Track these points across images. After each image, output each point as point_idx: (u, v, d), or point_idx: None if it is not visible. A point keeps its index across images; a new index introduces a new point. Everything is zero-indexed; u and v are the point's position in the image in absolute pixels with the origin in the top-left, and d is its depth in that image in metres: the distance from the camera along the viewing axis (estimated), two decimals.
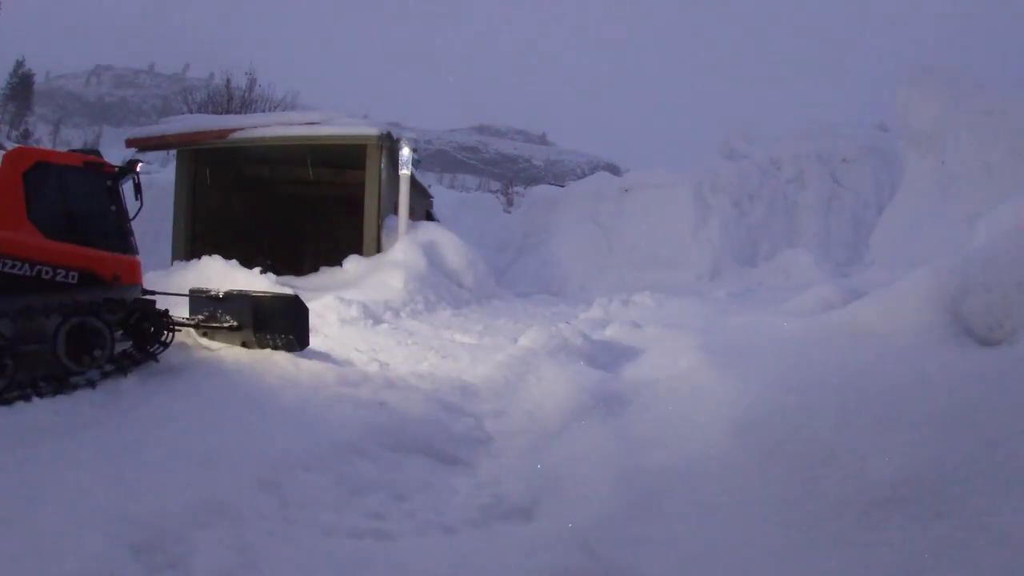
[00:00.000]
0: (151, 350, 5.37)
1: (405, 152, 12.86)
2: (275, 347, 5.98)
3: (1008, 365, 3.77)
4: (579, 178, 38.32)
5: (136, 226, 5.89)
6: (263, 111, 21.09)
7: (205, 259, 10.58)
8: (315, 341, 6.43)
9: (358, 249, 12.02)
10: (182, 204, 12.54)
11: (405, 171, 12.84)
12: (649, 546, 2.80)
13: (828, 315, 6.27)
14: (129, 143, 13.05)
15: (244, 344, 6.08)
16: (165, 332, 5.51)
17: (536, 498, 3.21)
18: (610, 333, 8.17)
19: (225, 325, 6.07)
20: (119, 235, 5.56)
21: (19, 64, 76.00)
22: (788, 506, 3.02)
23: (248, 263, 10.73)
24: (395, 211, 12.81)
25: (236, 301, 6.14)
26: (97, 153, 5.97)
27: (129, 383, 4.90)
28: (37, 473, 3.09)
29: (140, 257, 5.78)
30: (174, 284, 7.55)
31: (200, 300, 6.41)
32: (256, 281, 8.39)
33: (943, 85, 15.49)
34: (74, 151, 6.00)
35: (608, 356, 6.81)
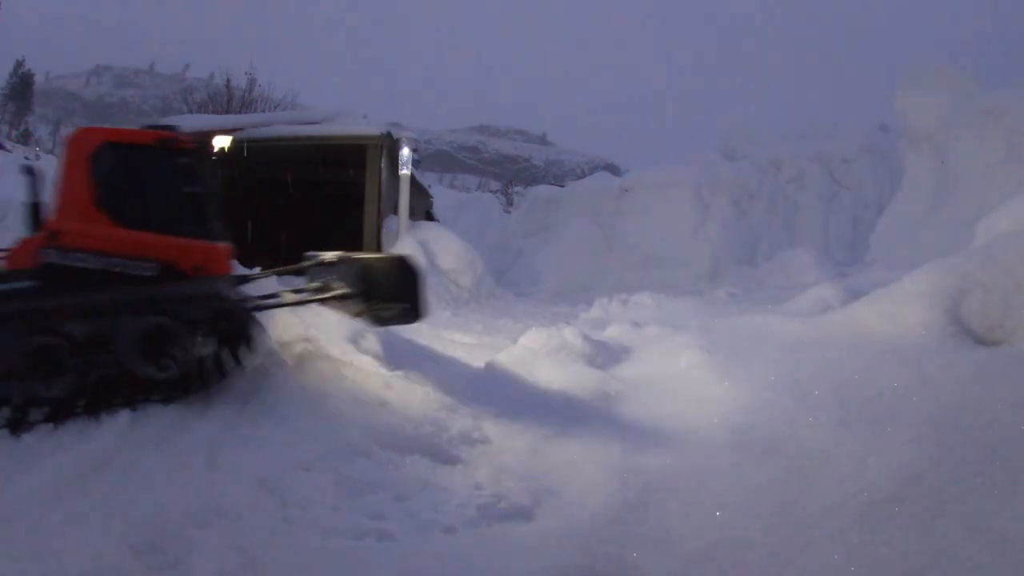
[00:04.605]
0: (238, 357, 4.38)
1: (405, 152, 12.87)
2: (388, 320, 5.08)
3: (1008, 365, 3.77)
4: (579, 178, 38.32)
5: None
6: (263, 111, 21.09)
7: None
8: None
9: (358, 249, 12.03)
10: None
11: (405, 171, 12.85)
12: (649, 546, 2.80)
13: (828, 315, 6.27)
14: None
15: (358, 316, 4.99)
16: (253, 335, 4.45)
17: (536, 498, 3.21)
18: (610, 333, 8.17)
19: (332, 295, 5.02)
20: (198, 219, 4.80)
21: (19, 64, 76.03)
22: (787, 506, 3.02)
23: (248, 263, 10.74)
24: (395, 211, 12.81)
25: (344, 265, 5.21)
26: (172, 128, 5.14)
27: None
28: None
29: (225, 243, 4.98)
30: None
31: (314, 268, 5.58)
32: None
33: (943, 85, 15.47)
34: (148, 127, 5.31)
35: (608, 356, 6.80)
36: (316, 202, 15.60)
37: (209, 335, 4.29)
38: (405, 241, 11.68)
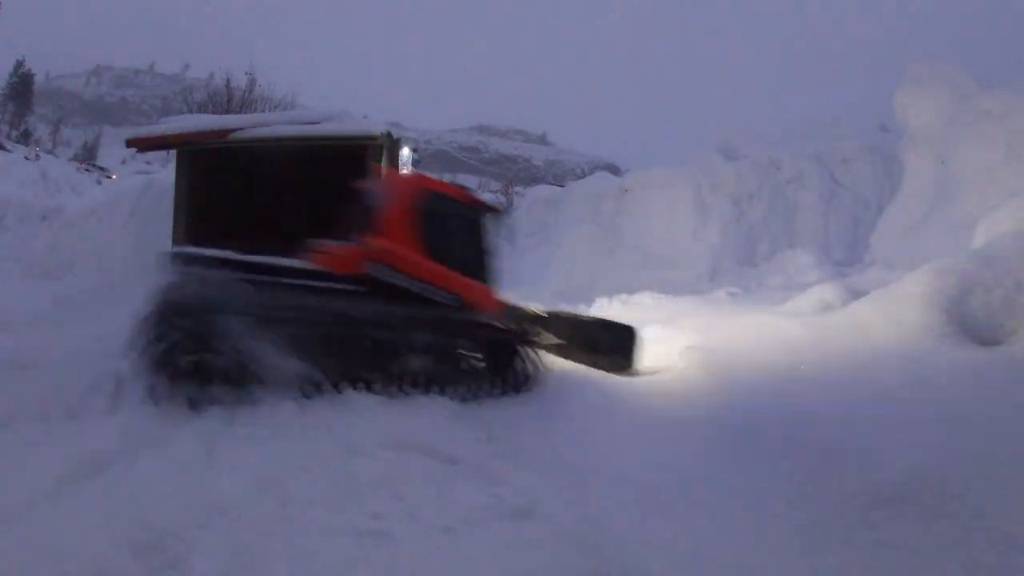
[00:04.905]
0: (516, 381, 5.30)
1: (405, 152, 12.87)
2: (603, 368, 6.11)
3: (1008, 365, 3.77)
4: (579, 178, 38.30)
5: (135, 227, 5.88)
6: (263, 111, 21.08)
7: None
8: None
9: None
10: (182, 204, 12.52)
11: (405, 171, 12.85)
12: (649, 546, 2.81)
13: (828, 315, 6.27)
14: (129, 143, 13.04)
15: (575, 361, 6.30)
16: (531, 364, 5.42)
17: (536, 498, 3.21)
18: None
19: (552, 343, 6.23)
20: (483, 266, 5.79)
21: (19, 64, 76.06)
22: (789, 506, 3.02)
23: None
24: None
25: (558, 321, 6.60)
26: (469, 189, 6.49)
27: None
28: None
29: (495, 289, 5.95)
30: None
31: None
32: None
33: (943, 85, 15.47)
34: (455, 185, 6.45)
35: None
36: (316, 202, 15.61)
37: (487, 355, 5.37)
38: None
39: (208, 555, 2.50)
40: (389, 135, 12.62)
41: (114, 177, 42.25)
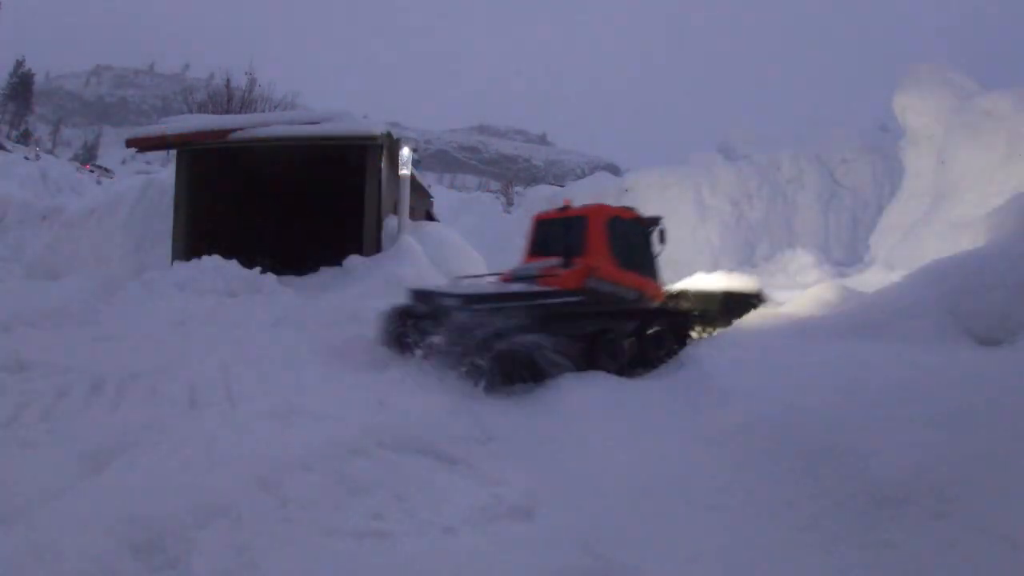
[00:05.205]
0: (675, 349, 7.09)
1: (405, 152, 12.86)
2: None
3: (1008, 365, 3.77)
4: (579, 178, 38.34)
5: (134, 227, 5.93)
6: (263, 111, 21.08)
7: (205, 259, 10.57)
8: None
9: (358, 249, 12.01)
10: (182, 204, 12.53)
11: (405, 171, 12.84)
12: (649, 546, 2.81)
13: (828, 315, 6.27)
14: (129, 143, 13.04)
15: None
16: (689, 335, 7.74)
17: (536, 498, 3.21)
18: None
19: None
20: (652, 267, 7.89)
21: (19, 64, 76.05)
22: (788, 506, 3.03)
23: (248, 263, 10.73)
24: (395, 211, 12.80)
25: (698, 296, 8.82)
26: (634, 208, 8.27)
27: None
28: None
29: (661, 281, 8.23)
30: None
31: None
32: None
33: (943, 85, 15.46)
34: (626, 207, 8.12)
35: None
36: (315, 202, 15.60)
37: (672, 334, 7.36)
38: (405, 240, 11.67)
39: (208, 555, 2.50)
40: (389, 135, 12.62)
41: (113, 179, 42.29)
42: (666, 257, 8.30)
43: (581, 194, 23.12)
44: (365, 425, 3.98)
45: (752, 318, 7.27)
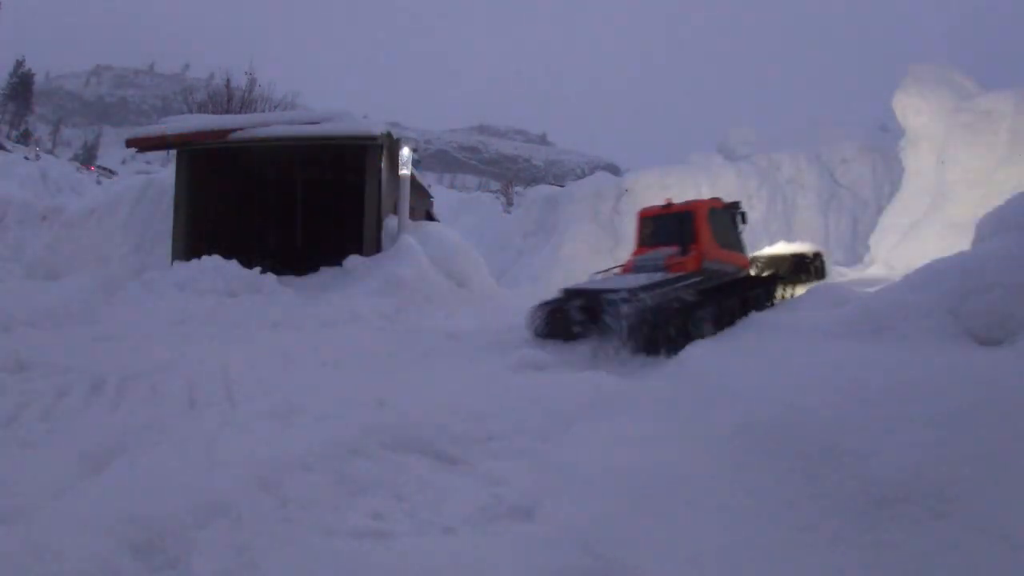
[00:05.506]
0: (768, 303, 9.14)
1: (405, 152, 12.86)
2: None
3: (1008, 365, 3.77)
4: (579, 178, 38.31)
5: (134, 227, 5.93)
6: (263, 111, 21.07)
7: (205, 259, 10.58)
8: None
9: (358, 249, 12.01)
10: (182, 204, 12.53)
11: (405, 171, 12.84)
12: (649, 546, 2.80)
13: (827, 315, 6.27)
14: (129, 143, 13.04)
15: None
16: (774, 293, 9.58)
17: (536, 498, 3.20)
18: None
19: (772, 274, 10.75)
20: (741, 244, 10.06)
21: (19, 64, 76.03)
22: (788, 506, 3.02)
23: (248, 263, 10.73)
24: (395, 211, 12.80)
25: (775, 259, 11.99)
26: (721, 198, 10.32)
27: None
28: None
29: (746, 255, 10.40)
30: None
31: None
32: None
33: (943, 85, 15.46)
34: (715, 198, 10.14)
35: None
36: (316, 202, 15.59)
37: (766, 294, 9.20)
38: (405, 240, 11.67)
39: (208, 555, 2.50)
40: (389, 135, 12.62)
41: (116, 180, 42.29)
42: None
43: (581, 194, 23.10)
44: (365, 425, 3.98)
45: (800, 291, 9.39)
